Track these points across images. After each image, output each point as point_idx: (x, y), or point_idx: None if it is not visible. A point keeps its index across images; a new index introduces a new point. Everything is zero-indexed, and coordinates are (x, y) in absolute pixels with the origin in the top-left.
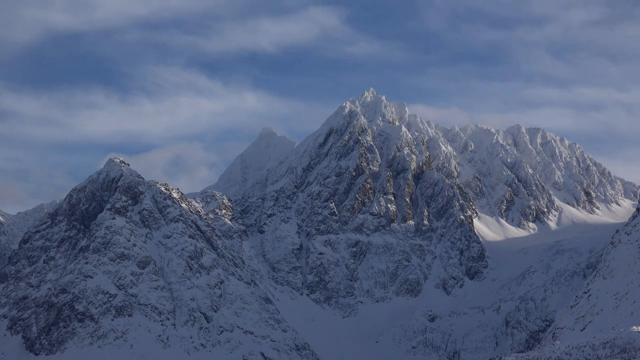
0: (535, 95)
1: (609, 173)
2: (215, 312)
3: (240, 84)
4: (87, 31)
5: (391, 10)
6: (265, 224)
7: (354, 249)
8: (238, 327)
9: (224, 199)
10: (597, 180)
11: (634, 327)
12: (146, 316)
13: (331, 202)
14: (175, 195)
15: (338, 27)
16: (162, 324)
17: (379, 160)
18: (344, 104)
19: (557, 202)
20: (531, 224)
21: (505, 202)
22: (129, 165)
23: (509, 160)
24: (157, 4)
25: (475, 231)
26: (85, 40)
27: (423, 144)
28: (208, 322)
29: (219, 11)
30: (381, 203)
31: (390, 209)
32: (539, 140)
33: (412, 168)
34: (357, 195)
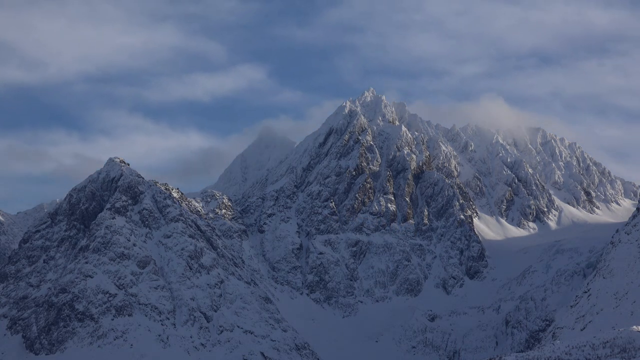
0: None
1: (609, 173)
2: (215, 311)
3: (185, 126)
4: (42, 84)
5: (311, 65)
6: (265, 223)
7: (354, 249)
8: (238, 326)
9: (224, 198)
10: (597, 180)
11: (634, 327)
12: (146, 316)
13: (331, 202)
14: (175, 195)
15: (264, 80)
16: (162, 324)
17: (379, 160)
18: (344, 104)
19: (557, 201)
20: (531, 224)
21: (505, 201)
22: (129, 165)
23: (509, 159)
24: (103, 61)
25: (475, 231)
26: (40, 92)
27: (423, 144)
28: (208, 321)
29: (158, 69)
30: (381, 203)
31: (390, 208)
32: (539, 140)
33: (412, 168)
34: (357, 195)
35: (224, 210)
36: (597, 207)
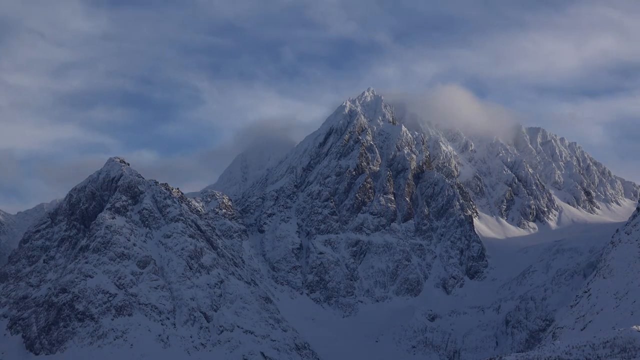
0: None
1: (609, 172)
2: (215, 311)
3: None
4: None
5: None
6: (265, 223)
7: (354, 249)
8: (238, 326)
9: (224, 198)
10: (597, 180)
11: (634, 327)
12: (146, 316)
13: (331, 202)
14: (175, 194)
15: None
16: (162, 324)
17: (379, 159)
18: (344, 104)
19: (558, 201)
20: (531, 224)
21: (505, 201)
22: (129, 164)
23: (509, 159)
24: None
25: (476, 231)
26: None
27: (423, 144)
28: (208, 321)
29: None
30: (381, 202)
31: (391, 208)
32: (539, 140)
33: (412, 167)
34: (357, 194)
35: (224, 210)
36: (597, 207)
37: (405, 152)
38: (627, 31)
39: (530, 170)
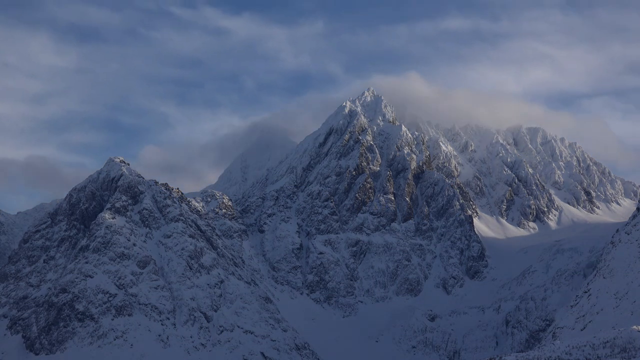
0: None
1: (609, 172)
2: (216, 311)
3: None
4: None
5: None
6: (265, 223)
7: (354, 249)
8: (238, 326)
9: (224, 198)
10: (597, 180)
11: (634, 327)
12: (146, 316)
13: (331, 202)
14: (175, 194)
15: None
16: (162, 324)
17: (379, 159)
18: (344, 104)
19: (558, 201)
20: (531, 224)
21: (505, 201)
22: (129, 164)
23: (509, 159)
24: None
25: (476, 230)
26: None
27: (423, 144)
28: (208, 321)
29: None
30: (381, 202)
31: (391, 208)
32: (539, 140)
33: (412, 167)
34: (357, 194)
35: (224, 210)
36: (597, 207)
37: (405, 152)
38: (561, 64)
39: (530, 170)
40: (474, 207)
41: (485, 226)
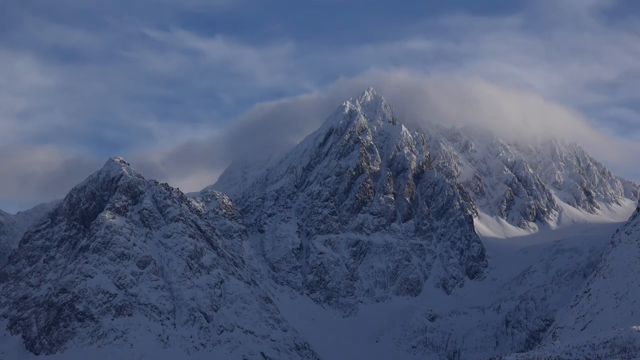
0: None
1: (609, 172)
2: (216, 311)
3: None
4: None
5: None
6: (265, 223)
7: (354, 249)
8: (238, 326)
9: (224, 198)
10: (597, 180)
11: (634, 327)
12: (146, 316)
13: (331, 202)
14: (175, 194)
15: None
16: (162, 324)
17: (379, 159)
18: (344, 104)
19: (558, 201)
20: (531, 224)
21: (505, 201)
22: (129, 164)
23: (509, 159)
24: None
25: (476, 231)
26: None
27: (423, 144)
28: (208, 321)
29: None
30: (381, 202)
31: (391, 208)
32: (539, 140)
33: (412, 167)
34: (357, 194)
35: (224, 210)
36: (597, 207)
37: (405, 152)
38: (528, 81)
39: (530, 170)
40: (474, 207)
41: (485, 226)
